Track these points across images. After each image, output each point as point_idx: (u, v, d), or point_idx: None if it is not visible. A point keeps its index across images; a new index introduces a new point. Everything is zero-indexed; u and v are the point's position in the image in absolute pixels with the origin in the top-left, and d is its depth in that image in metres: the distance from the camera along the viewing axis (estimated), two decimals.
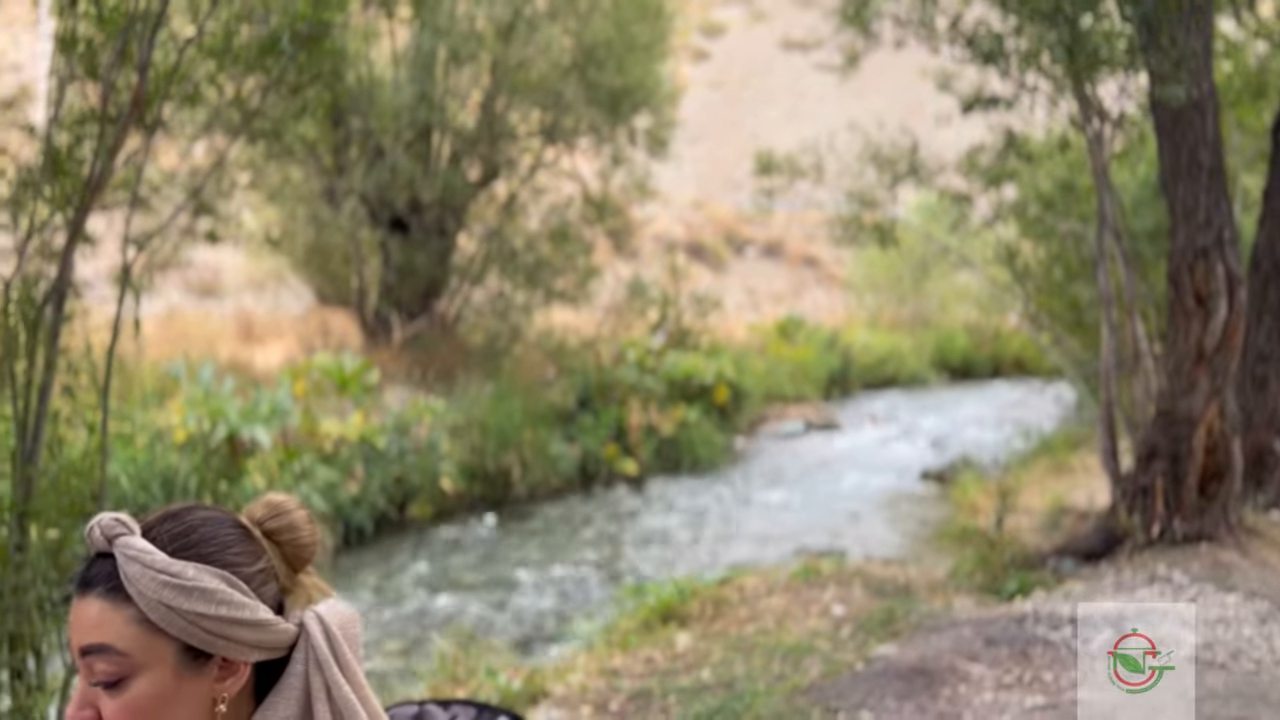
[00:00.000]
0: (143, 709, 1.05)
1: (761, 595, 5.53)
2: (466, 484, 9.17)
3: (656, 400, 10.97)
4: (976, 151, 7.65)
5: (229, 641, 1.08)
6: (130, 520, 1.08)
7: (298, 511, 1.17)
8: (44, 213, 3.63)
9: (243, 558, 1.11)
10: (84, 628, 1.06)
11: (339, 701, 1.11)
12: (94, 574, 1.07)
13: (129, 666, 1.05)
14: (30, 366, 3.33)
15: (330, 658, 1.12)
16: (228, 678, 1.09)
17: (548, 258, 11.60)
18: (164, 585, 1.05)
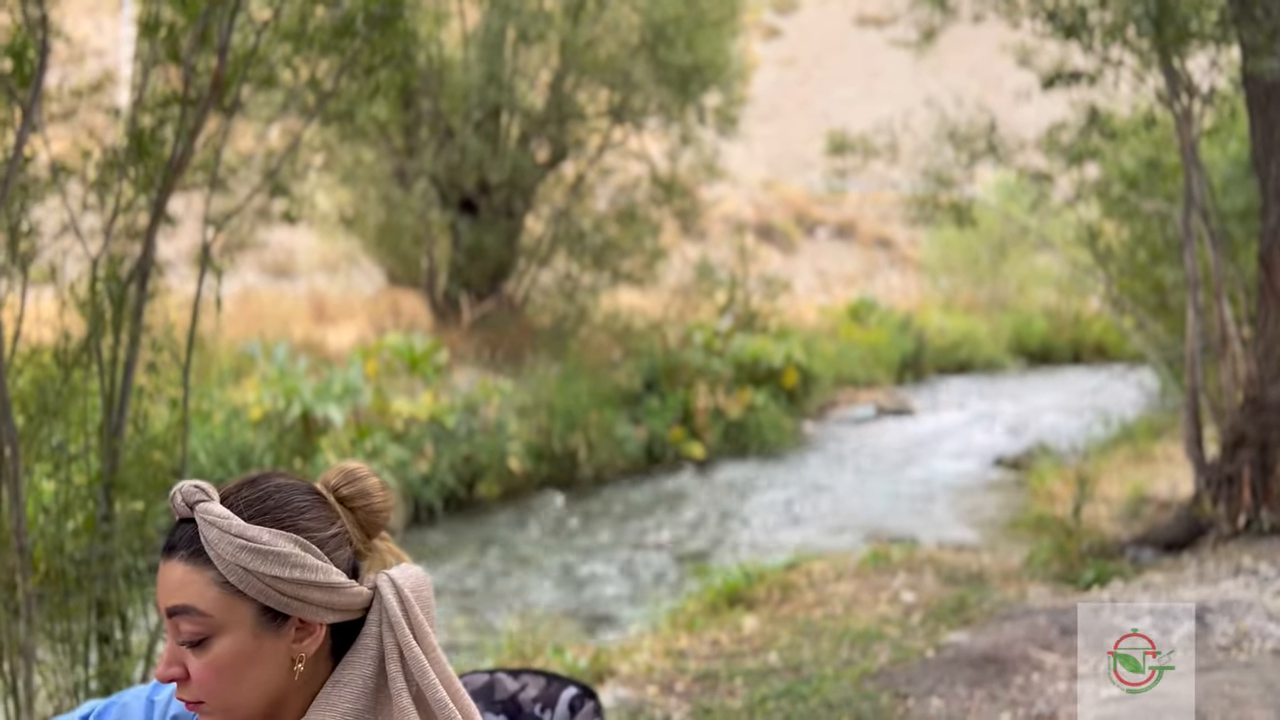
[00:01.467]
0: (225, 667, 1.10)
1: (830, 580, 5.48)
2: (533, 464, 9.23)
3: (724, 383, 10.92)
4: (1058, 129, 7.42)
5: (303, 603, 1.11)
6: (210, 487, 1.12)
7: (370, 478, 1.20)
8: (129, 194, 3.73)
9: (316, 523, 1.14)
10: (169, 589, 1.11)
11: (410, 662, 1.14)
12: (177, 539, 1.12)
13: (211, 626, 1.10)
14: (116, 343, 3.42)
15: (403, 619, 1.15)
16: (304, 638, 1.13)
17: (615, 239, 11.60)
18: (240, 549, 1.09)
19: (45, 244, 3.58)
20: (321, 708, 1.12)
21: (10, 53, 3.38)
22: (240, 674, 1.11)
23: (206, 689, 1.11)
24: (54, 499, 3.31)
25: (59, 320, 3.42)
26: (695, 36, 10.66)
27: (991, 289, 17.64)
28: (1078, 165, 7.59)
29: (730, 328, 11.67)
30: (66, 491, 3.27)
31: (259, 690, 1.12)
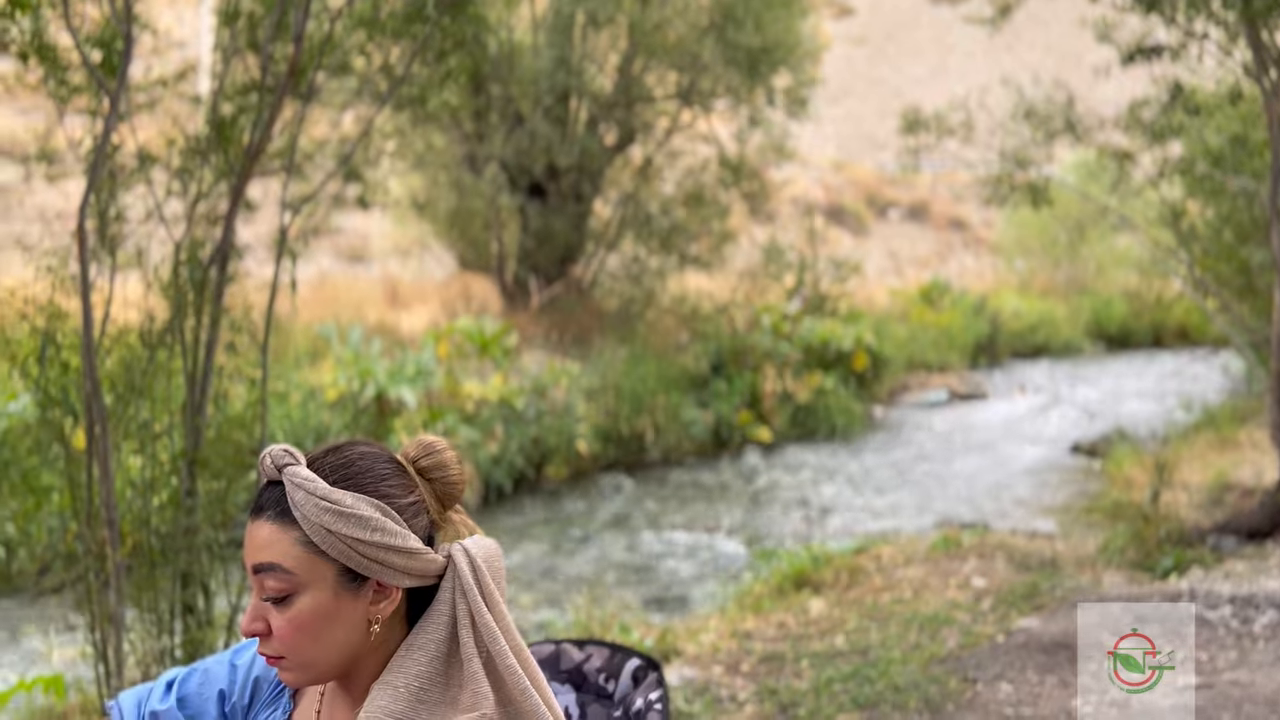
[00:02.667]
0: (306, 624, 1.15)
1: (898, 565, 5.43)
2: (601, 446, 9.30)
3: (791, 367, 10.85)
4: (1139, 105, 7.20)
5: (382, 566, 1.16)
6: (297, 452, 1.18)
7: (447, 452, 1.24)
8: (209, 180, 3.84)
9: (397, 490, 1.19)
10: (256, 547, 1.16)
11: (481, 629, 1.18)
12: (265, 499, 1.17)
13: (295, 584, 1.15)
14: (197, 325, 3.54)
15: (475, 587, 1.19)
16: (381, 601, 1.18)
17: (682, 222, 11.58)
18: (325, 511, 1.14)
19: (131, 229, 3.71)
20: (395, 669, 1.16)
21: (98, 44, 3.51)
22: (320, 631, 1.15)
23: (287, 644, 1.15)
24: (140, 475, 3.44)
25: (144, 303, 3.55)
26: (764, 17, 10.56)
27: (1069, 271, 17.20)
28: (1160, 143, 7.36)
29: (799, 310, 11.58)
30: (152, 468, 3.40)
31: (336, 648, 1.16)
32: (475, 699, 1.15)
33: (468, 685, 1.16)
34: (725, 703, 3.74)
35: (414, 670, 1.16)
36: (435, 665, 1.17)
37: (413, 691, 1.15)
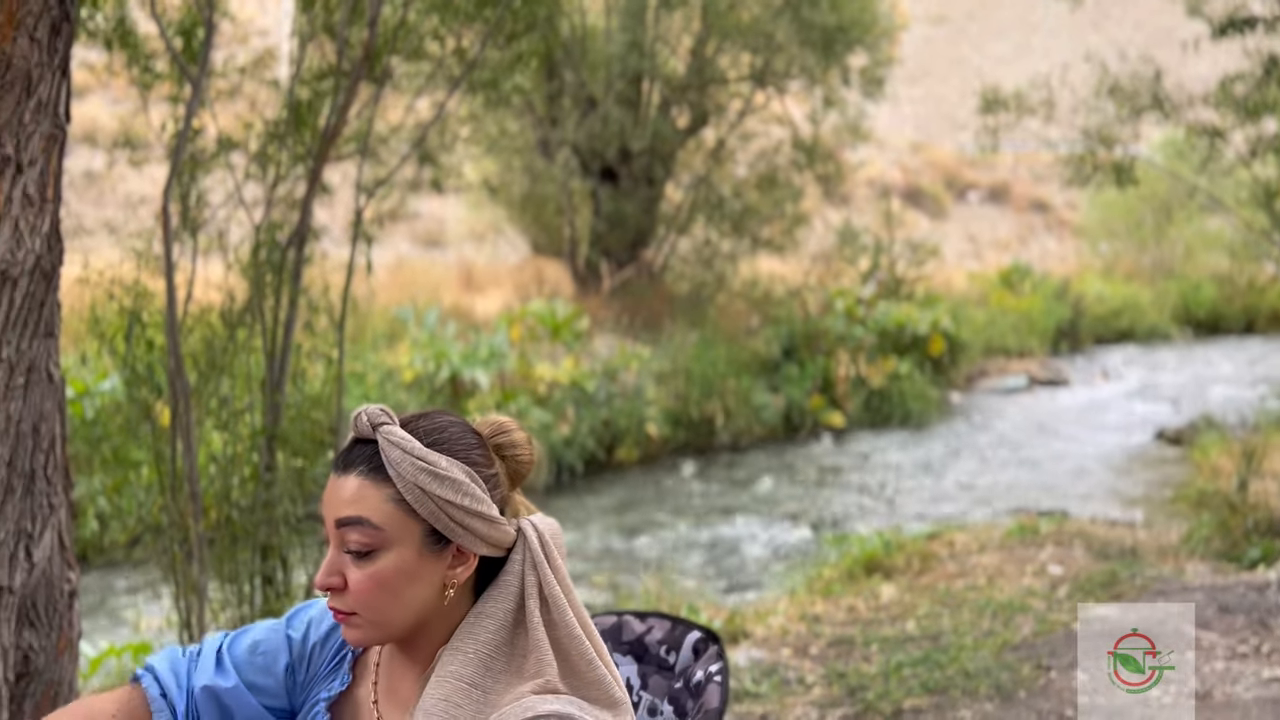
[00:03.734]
0: (387, 580, 1.15)
1: (972, 551, 5.34)
2: (671, 430, 9.31)
3: (865, 351, 10.71)
4: (1231, 80, 6.92)
5: (466, 531, 1.18)
6: (392, 412, 1.19)
7: (519, 431, 1.26)
8: (287, 163, 3.93)
9: (482, 460, 1.21)
10: (343, 501, 1.16)
11: (549, 601, 1.20)
12: (355, 455, 1.18)
13: (381, 540, 1.15)
14: (276, 304, 3.62)
15: (543, 560, 1.21)
16: (459, 566, 1.19)
17: (755, 205, 11.49)
18: (420, 470, 1.15)
19: (212, 212, 3.82)
20: (464, 636, 1.18)
21: (181, 32, 3.60)
22: (399, 589, 1.16)
23: (363, 600, 1.16)
24: (222, 451, 3.55)
25: (225, 283, 3.65)
26: None
27: (1156, 254, 16.66)
28: (1253, 119, 7.07)
29: (874, 294, 11.42)
30: (233, 444, 3.50)
31: (412, 608, 1.17)
32: (540, 667, 1.17)
33: (532, 654, 1.18)
34: (793, 684, 3.72)
35: (483, 637, 1.18)
36: (503, 634, 1.19)
37: (482, 658, 1.17)
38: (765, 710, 3.53)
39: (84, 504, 5.91)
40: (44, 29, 2.06)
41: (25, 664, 2.18)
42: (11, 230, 2.06)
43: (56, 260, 2.18)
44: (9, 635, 2.14)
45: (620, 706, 1.20)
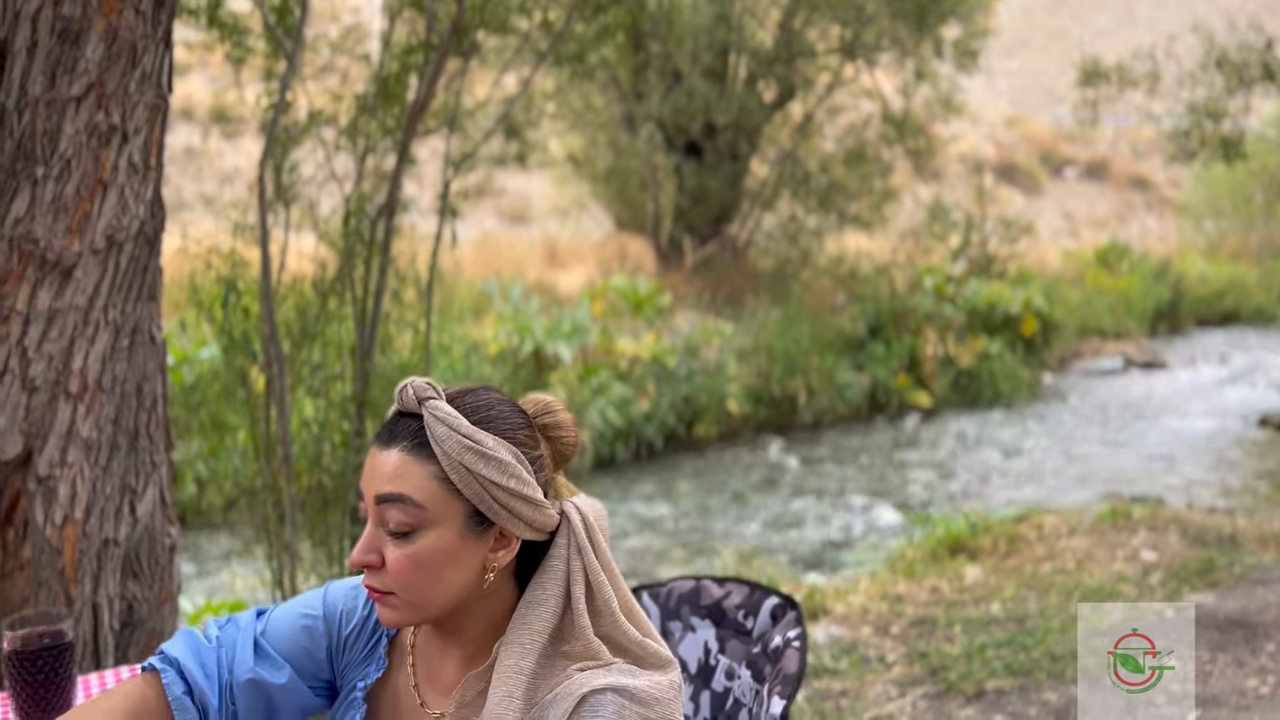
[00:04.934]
0: (426, 561, 1.11)
1: (1061, 535, 5.21)
2: (752, 407, 9.26)
3: (955, 330, 10.49)
4: None
5: (510, 513, 1.13)
6: (439, 386, 1.15)
7: (565, 413, 1.21)
8: (376, 136, 4.00)
9: (528, 440, 1.17)
10: (383, 477, 1.11)
11: (593, 586, 1.17)
12: (399, 430, 1.13)
13: (422, 519, 1.11)
14: (366, 274, 3.70)
15: (588, 545, 1.17)
16: (500, 549, 1.15)
17: (842, 180, 11.31)
18: (466, 449, 1.11)
19: (304, 184, 3.91)
20: (519, 628, 1.14)
21: (274, 8, 3.69)
22: (438, 571, 1.11)
23: (401, 580, 1.11)
24: (314, 416, 3.64)
25: (316, 253, 3.74)
26: None
27: (1264, 233, 15.93)
28: None
29: (964, 272, 11.17)
30: (325, 410, 3.59)
31: (450, 591, 1.13)
32: (588, 649, 1.14)
33: (579, 638, 1.15)
34: (872, 662, 3.69)
35: (537, 626, 1.15)
36: (554, 621, 1.16)
37: (538, 647, 1.14)
38: (844, 687, 3.51)
39: (182, 468, 6.15)
40: (148, 2, 2.13)
41: (129, 613, 2.28)
42: (117, 197, 2.14)
43: (159, 226, 2.26)
44: (114, 585, 2.24)
45: (669, 664, 1.18)
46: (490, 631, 1.18)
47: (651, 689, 1.13)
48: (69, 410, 2.14)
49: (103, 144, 2.10)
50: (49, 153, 2.06)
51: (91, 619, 2.20)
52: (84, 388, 2.15)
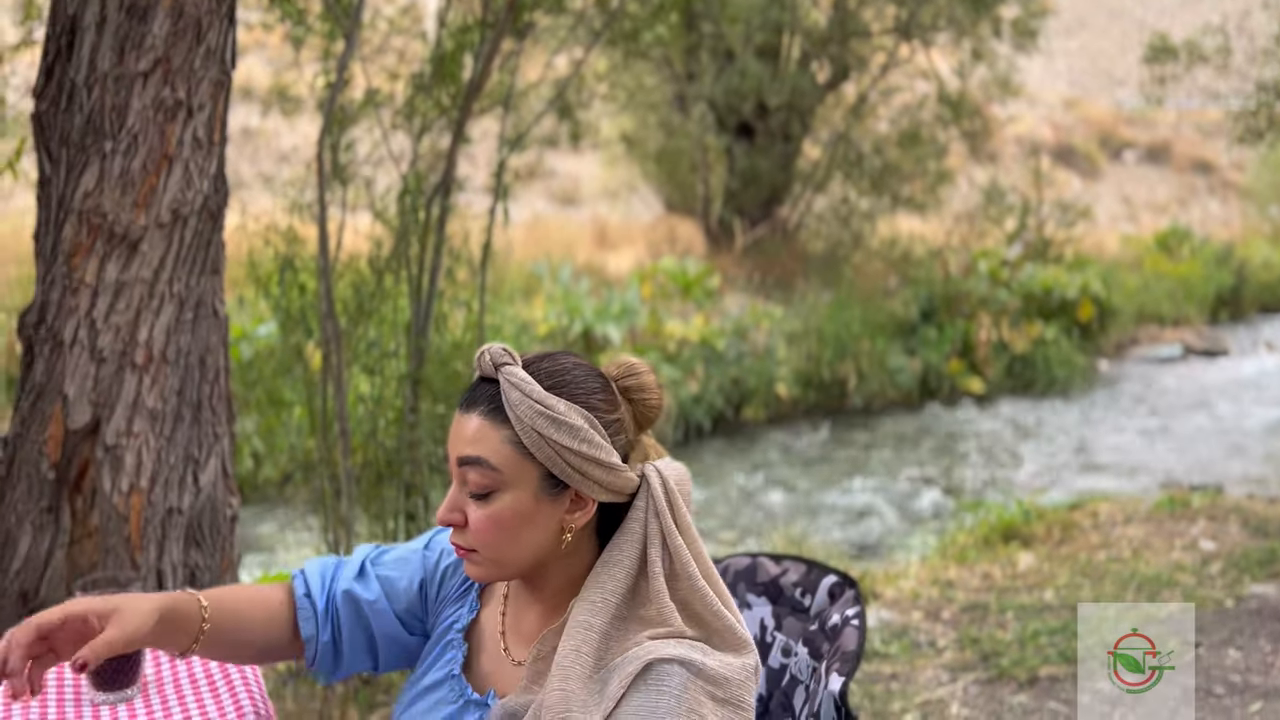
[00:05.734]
0: (504, 521, 1.16)
1: (1117, 523, 5.12)
2: (801, 391, 9.21)
3: (1009, 315, 10.32)
4: None
5: (583, 477, 1.16)
6: (515, 352, 1.18)
7: (649, 374, 1.23)
8: (432, 115, 4.02)
9: (603, 405, 1.19)
10: (464, 440, 1.17)
11: (672, 548, 1.18)
12: (478, 395, 1.18)
13: (498, 481, 1.15)
14: (422, 251, 3.73)
15: (667, 508, 1.19)
16: (576, 511, 1.18)
17: (896, 162, 11.17)
18: (539, 415, 1.14)
19: (360, 162, 3.94)
20: (593, 585, 1.17)
21: None
22: (515, 531, 1.16)
23: (482, 539, 1.16)
24: (369, 392, 3.69)
25: (372, 231, 3.78)
26: None
27: None
28: None
29: (1019, 256, 10.98)
30: (380, 385, 3.63)
31: (528, 550, 1.17)
32: (662, 615, 1.15)
33: (653, 602, 1.16)
34: (923, 647, 3.66)
35: (610, 586, 1.17)
36: (628, 581, 1.17)
37: (610, 606, 1.16)
38: (895, 670, 3.49)
39: (239, 443, 6.27)
40: None
41: (191, 581, 2.33)
42: (182, 172, 2.17)
43: (222, 201, 2.30)
44: (178, 553, 2.29)
45: (745, 647, 1.18)
46: (570, 589, 1.21)
47: (721, 668, 1.13)
48: (135, 381, 2.19)
49: (168, 119, 2.13)
50: (117, 127, 2.10)
51: (156, 586, 2.26)
52: (149, 359, 2.19)
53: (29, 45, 3.12)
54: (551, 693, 1.11)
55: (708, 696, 1.11)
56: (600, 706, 1.10)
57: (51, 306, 2.15)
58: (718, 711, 1.11)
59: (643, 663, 1.11)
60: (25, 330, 2.19)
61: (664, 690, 1.09)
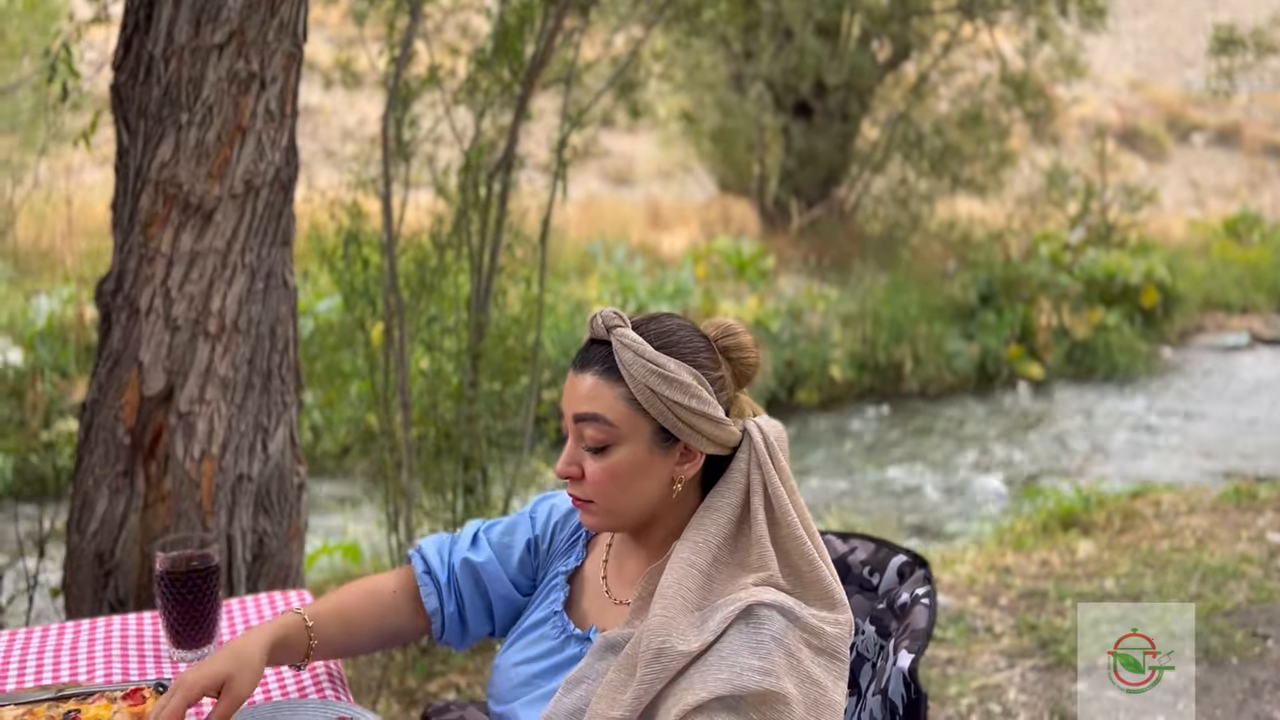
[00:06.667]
0: (620, 473, 1.23)
1: (1180, 513, 5.02)
2: (856, 374, 9.12)
3: (1070, 300, 10.13)
4: None
5: (693, 431, 1.23)
6: (625, 315, 1.25)
7: (746, 335, 1.30)
8: (493, 91, 4.03)
9: (709, 363, 1.26)
10: (579, 398, 1.24)
11: (773, 498, 1.24)
12: (591, 356, 1.25)
13: (614, 436, 1.23)
14: (483, 228, 3.75)
15: (768, 460, 1.25)
16: (686, 463, 1.26)
17: (956, 143, 10.98)
18: (651, 373, 1.21)
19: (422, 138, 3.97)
20: (695, 528, 1.24)
21: None
22: (630, 482, 1.23)
23: (599, 490, 1.24)
24: (429, 366, 3.72)
25: (433, 206, 3.80)
26: None
27: None
28: None
29: (1082, 240, 10.76)
30: (440, 360, 3.67)
31: (641, 500, 1.25)
32: (762, 561, 1.21)
33: (754, 548, 1.22)
34: (980, 633, 3.63)
35: (711, 529, 1.23)
36: (730, 527, 1.24)
37: (711, 548, 1.22)
38: (951, 655, 3.46)
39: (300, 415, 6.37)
40: None
41: (260, 546, 2.38)
42: (255, 144, 2.20)
43: (293, 173, 2.33)
44: (247, 519, 2.34)
45: (841, 606, 1.22)
46: (673, 537, 1.28)
47: (816, 621, 1.18)
48: (208, 349, 2.23)
49: (242, 91, 2.16)
50: (193, 99, 2.14)
51: (226, 550, 2.31)
52: (221, 328, 2.23)
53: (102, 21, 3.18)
54: (653, 617, 1.17)
55: (805, 644, 1.16)
56: (699, 639, 1.15)
57: (128, 275, 2.20)
58: (815, 660, 1.16)
59: (744, 605, 1.16)
60: (103, 298, 2.24)
61: (763, 632, 1.15)
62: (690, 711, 1.11)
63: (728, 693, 1.11)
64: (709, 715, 1.11)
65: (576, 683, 1.23)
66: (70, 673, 1.48)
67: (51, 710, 1.30)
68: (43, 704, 1.32)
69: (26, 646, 1.56)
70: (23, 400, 6.12)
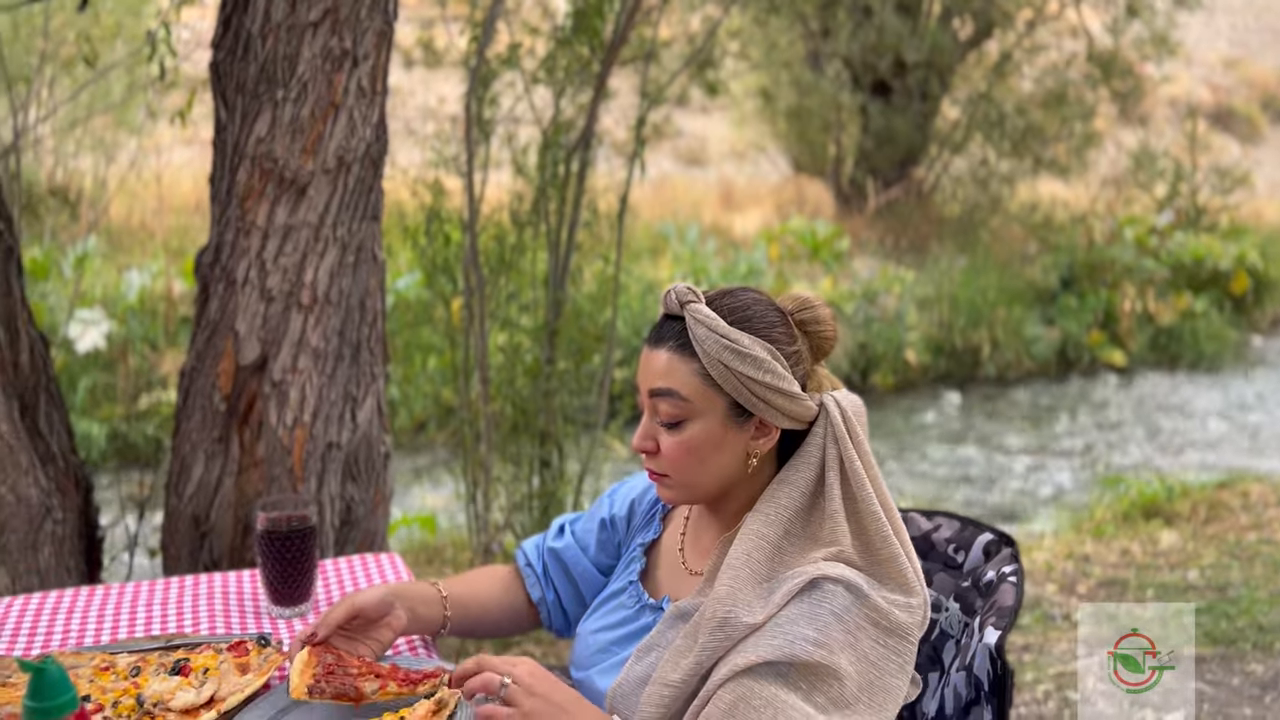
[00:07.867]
0: (695, 447, 1.23)
1: (1270, 505, 4.87)
2: (931, 358, 8.99)
3: (1156, 285, 9.83)
4: None
5: (767, 405, 1.23)
6: (699, 291, 1.25)
7: (824, 308, 1.30)
8: (573, 69, 4.05)
9: (783, 338, 1.25)
10: (655, 373, 1.24)
11: (850, 474, 1.23)
12: (665, 331, 1.25)
13: (688, 410, 1.23)
14: (561, 205, 3.78)
15: (845, 434, 1.24)
16: (761, 438, 1.26)
17: (1039, 123, 10.70)
18: (724, 348, 1.21)
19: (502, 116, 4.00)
20: (767, 500, 1.24)
21: None
22: (705, 456, 1.23)
23: (674, 464, 1.24)
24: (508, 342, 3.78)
25: (513, 185, 3.85)
26: None
27: None
28: None
29: (1169, 224, 10.42)
30: (519, 335, 3.72)
31: (717, 474, 1.25)
32: (834, 535, 1.20)
33: (828, 522, 1.21)
34: (1057, 620, 3.57)
35: (784, 502, 1.23)
36: (802, 501, 1.23)
37: (782, 520, 1.22)
38: (1027, 641, 3.42)
39: None
40: None
41: (348, 513, 2.45)
42: (347, 120, 2.25)
43: (382, 150, 2.38)
44: (336, 486, 2.41)
45: (913, 591, 1.20)
46: (749, 508, 1.28)
47: (885, 602, 1.17)
48: (300, 320, 2.29)
49: (335, 68, 2.21)
50: (288, 76, 2.19)
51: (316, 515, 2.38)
52: (314, 300, 2.29)
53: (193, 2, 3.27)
54: (720, 586, 1.18)
55: (869, 623, 1.15)
56: (764, 611, 1.16)
57: (225, 247, 2.28)
58: (878, 640, 1.15)
59: (809, 578, 1.16)
60: (201, 269, 2.32)
61: (824, 605, 1.14)
62: (740, 673, 1.13)
63: (778, 659, 1.12)
64: (756, 677, 1.12)
65: (647, 650, 1.25)
66: (177, 624, 1.55)
67: (163, 658, 1.36)
68: (154, 652, 1.39)
69: (135, 599, 1.64)
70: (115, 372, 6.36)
